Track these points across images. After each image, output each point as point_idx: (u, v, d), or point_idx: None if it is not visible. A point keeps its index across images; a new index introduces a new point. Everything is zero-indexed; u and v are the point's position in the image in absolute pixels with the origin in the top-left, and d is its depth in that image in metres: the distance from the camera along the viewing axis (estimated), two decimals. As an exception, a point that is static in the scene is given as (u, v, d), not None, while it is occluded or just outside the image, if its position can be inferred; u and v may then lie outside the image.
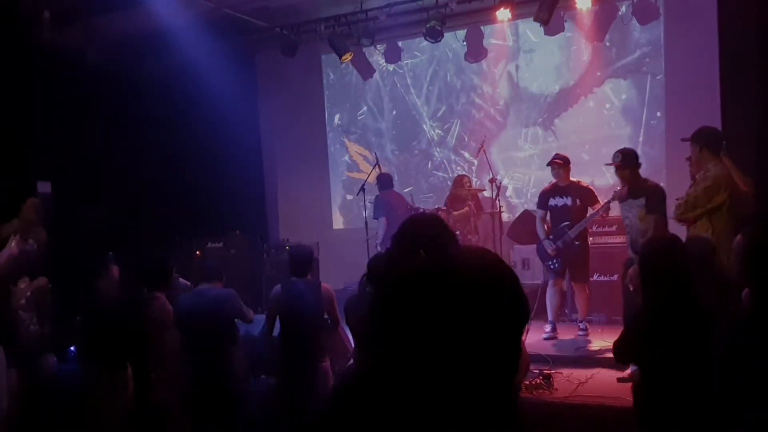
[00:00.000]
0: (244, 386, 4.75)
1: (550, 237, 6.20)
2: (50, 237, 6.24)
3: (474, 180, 8.37)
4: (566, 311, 7.03)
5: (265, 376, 5.28)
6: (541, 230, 6.30)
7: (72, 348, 4.47)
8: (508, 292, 0.98)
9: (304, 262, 4.73)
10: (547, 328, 6.37)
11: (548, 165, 6.31)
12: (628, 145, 8.01)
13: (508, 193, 8.77)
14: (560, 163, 6.20)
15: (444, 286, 0.94)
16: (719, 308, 3.51)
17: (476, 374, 0.93)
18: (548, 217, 6.34)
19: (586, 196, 6.10)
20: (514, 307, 0.98)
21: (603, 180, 8.23)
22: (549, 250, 6.14)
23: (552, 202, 6.19)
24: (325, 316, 4.67)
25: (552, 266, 6.22)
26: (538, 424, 4.16)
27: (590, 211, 6.08)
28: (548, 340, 6.23)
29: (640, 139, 8.03)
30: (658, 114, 7.95)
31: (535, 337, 6.18)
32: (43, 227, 6.46)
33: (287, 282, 4.73)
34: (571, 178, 6.21)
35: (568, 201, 6.08)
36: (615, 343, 3.29)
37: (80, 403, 3.60)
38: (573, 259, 6.11)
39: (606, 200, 5.86)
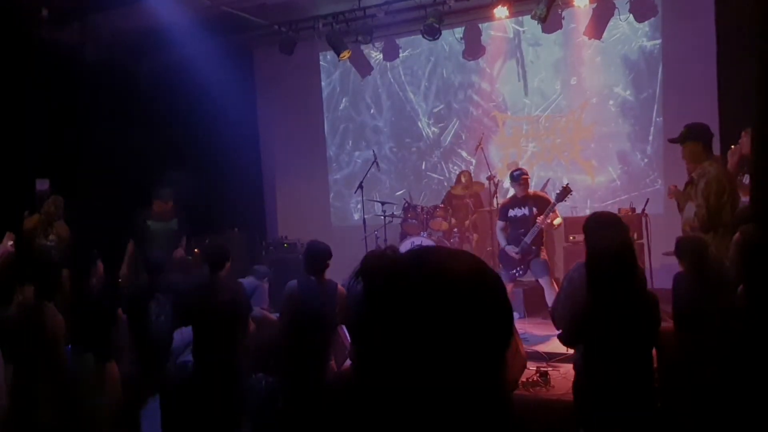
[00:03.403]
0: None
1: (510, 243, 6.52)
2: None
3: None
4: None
5: (262, 374, 5.25)
6: (501, 238, 6.60)
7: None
8: (489, 298, 0.96)
9: (321, 260, 4.59)
10: None
11: (512, 180, 6.56)
12: (633, 143, 8.06)
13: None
14: (521, 173, 6.51)
15: (424, 289, 0.93)
16: (714, 305, 3.53)
17: (459, 378, 0.93)
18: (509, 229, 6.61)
19: (542, 204, 6.39)
20: (495, 314, 0.96)
21: (606, 176, 8.25)
22: (513, 254, 6.40)
23: (511, 213, 6.53)
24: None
25: (516, 274, 6.46)
26: (534, 422, 4.18)
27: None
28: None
29: (650, 137, 8.01)
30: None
31: (536, 333, 6.23)
32: (64, 223, 6.58)
33: (304, 280, 4.63)
34: (528, 189, 6.53)
35: (526, 211, 6.42)
36: (563, 328, 3.32)
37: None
38: (532, 260, 6.38)
39: (552, 203, 6.23)
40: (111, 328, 3.78)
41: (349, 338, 4.78)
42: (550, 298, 6.32)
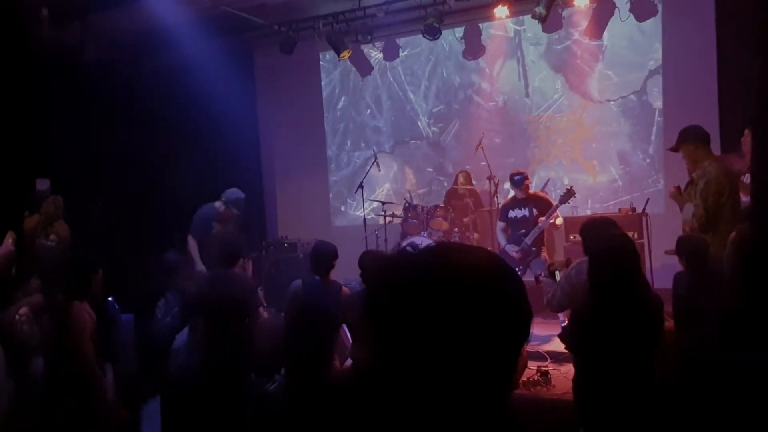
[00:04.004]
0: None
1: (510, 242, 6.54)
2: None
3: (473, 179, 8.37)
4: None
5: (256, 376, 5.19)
6: (502, 239, 6.65)
7: None
8: (511, 299, 0.95)
9: (327, 260, 4.59)
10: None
11: (513, 184, 6.54)
12: (635, 143, 8.05)
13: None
14: (523, 177, 6.52)
15: (444, 288, 0.92)
16: (714, 304, 3.53)
17: (471, 380, 0.91)
18: (510, 230, 6.65)
19: (543, 205, 6.39)
20: (515, 315, 0.95)
21: (608, 176, 8.24)
22: (513, 254, 6.42)
23: (512, 214, 6.55)
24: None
25: None
26: (535, 421, 4.18)
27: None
28: None
29: (652, 137, 7.97)
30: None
31: (537, 333, 6.24)
32: (64, 222, 6.56)
33: (308, 280, 4.63)
34: (529, 191, 6.54)
35: (527, 212, 6.46)
36: (563, 330, 3.31)
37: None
38: (532, 260, 6.41)
39: (554, 206, 6.24)
40: (109, 333, 3.78)
41: (349, 338, 4.78)
42: None
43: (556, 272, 4.14)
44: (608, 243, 3.06)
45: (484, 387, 0.92)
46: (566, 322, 6.49)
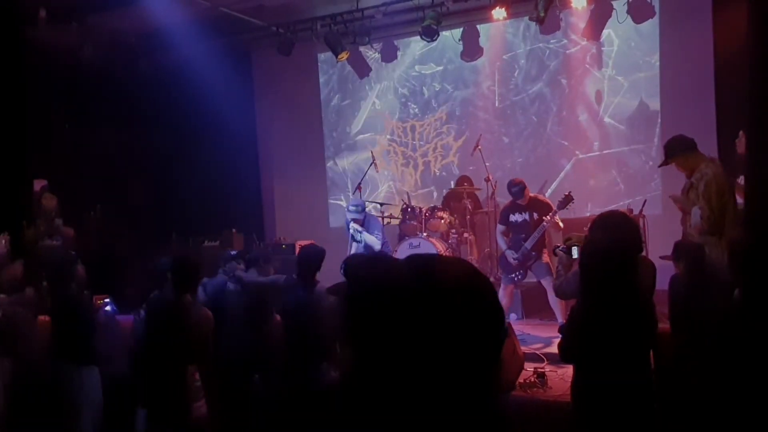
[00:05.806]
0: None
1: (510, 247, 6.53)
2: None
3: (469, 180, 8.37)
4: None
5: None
6: (502, 242, 6.65)
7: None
8: (484, 304, 0.99)
9: (310, 264, 4.59)
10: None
11: (512, 195, 6.50)
12: (635, 146, 8.04)
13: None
14: (522, 187, 6.47)
15: (422, 297, 0.96)
16: (710, 307, 3.54)
17: (452, 384, 0.94)
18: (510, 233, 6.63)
19: (543, 209, 6.38)
20: (489, 319, 0.99)
21: (608, 179, 8.23)
22: (511, 260, 6.43)
23: (512, 218, 6.53)
24: None
25: (516, 278, 6.49)
26: (531, 423, 4.18)
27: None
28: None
29: (655, 139, 7.92)
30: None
31: (534, 334, 6.24)
32: (64, 224, 6.53)
33: (287, 281, 4.70)
34: (530, 194, 6.51)
35: (527, 216, 6.42)
36: (560, 343, 3.30)
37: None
38: (533, 265, 6.40)
39: (553, 210, 6.20)
40: (92, 333, 3.78)
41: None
42: (552, 299, 6.35)
43: (574, 247, 3.97)
44: (601, 245, 3.05)
45: (466, 389, 0.94)
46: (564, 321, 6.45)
